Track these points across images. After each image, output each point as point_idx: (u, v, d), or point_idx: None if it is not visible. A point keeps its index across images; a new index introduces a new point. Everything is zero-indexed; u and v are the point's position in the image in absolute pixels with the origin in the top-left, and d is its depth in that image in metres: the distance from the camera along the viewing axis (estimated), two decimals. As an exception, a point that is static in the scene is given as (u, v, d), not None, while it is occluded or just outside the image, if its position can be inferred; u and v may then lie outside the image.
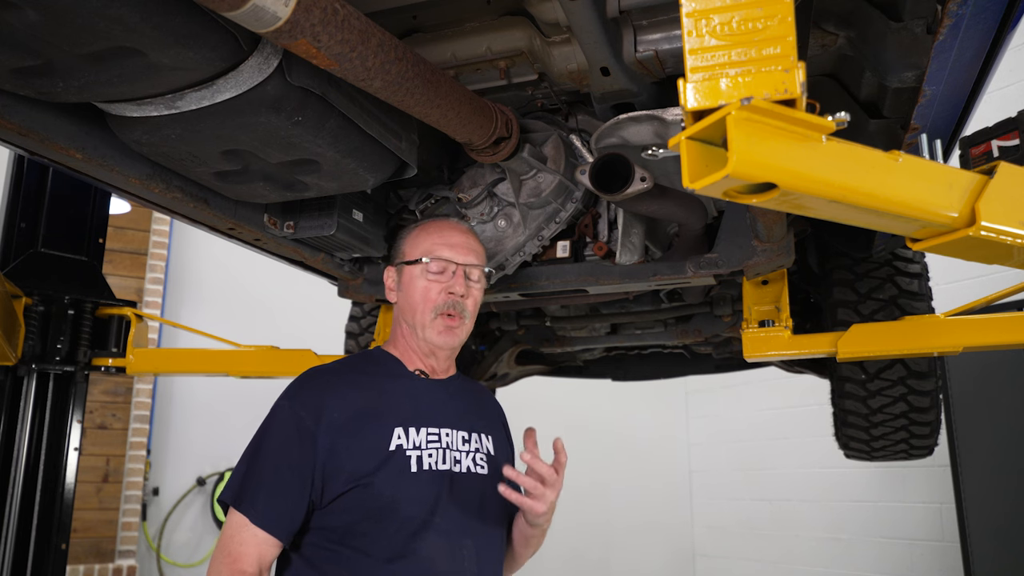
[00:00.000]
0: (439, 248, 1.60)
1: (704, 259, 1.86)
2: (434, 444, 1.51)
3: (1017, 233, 0.94)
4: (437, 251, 1.60)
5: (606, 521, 6.33)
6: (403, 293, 1.63)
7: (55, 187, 2.50)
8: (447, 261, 1.59)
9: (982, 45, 1.25)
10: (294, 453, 1.42)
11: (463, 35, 1.59)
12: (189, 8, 1.03)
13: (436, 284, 1.58)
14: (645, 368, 3.57)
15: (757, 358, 2.08)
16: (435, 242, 1.61)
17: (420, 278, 1.59)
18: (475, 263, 1.63)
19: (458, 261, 1.60)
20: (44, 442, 2.38)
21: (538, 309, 2.66)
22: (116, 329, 2.60)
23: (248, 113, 1.25)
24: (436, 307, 1.57)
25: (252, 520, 1.38)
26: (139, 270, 4.92)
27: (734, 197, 0.83)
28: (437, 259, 1.58)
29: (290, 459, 1.42)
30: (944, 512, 4.73)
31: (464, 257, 1.61)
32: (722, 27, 0.82)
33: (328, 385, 1.53)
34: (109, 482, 4.59)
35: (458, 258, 1.60)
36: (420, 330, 1.59)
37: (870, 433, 2.59)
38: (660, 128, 1.46)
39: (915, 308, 2.34)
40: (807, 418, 5.68)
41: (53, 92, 1.17)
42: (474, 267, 1.62)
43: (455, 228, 1.67)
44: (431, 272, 1.58)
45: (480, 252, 1.66)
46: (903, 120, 1.59)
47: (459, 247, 1.62)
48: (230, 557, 1.37)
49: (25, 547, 2.29)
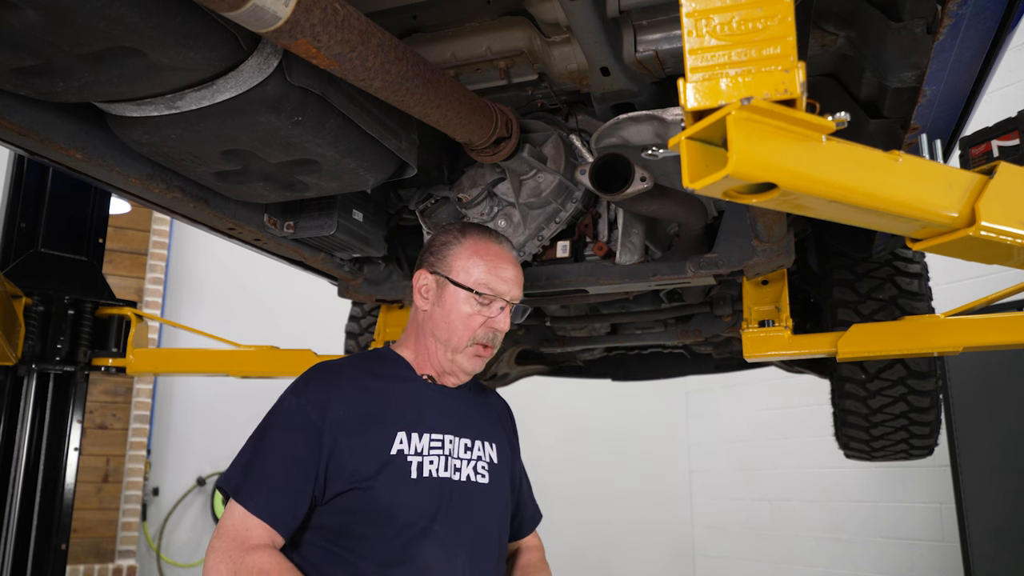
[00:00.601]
0: (494, 281, 1.56)
1: (704, 259, 1.86)
2: (436, 451, 1.51)
3: (1017, 233, 0.94)
4: (492, 284, 1.56)
5: (606, 521, 6.33)
6: (441, 309, 1.58)
7: (55, 187, 2.50)
8: (499, 298, 1.57)
9: (982, 45, 1.25)
10: (299, 447, 1.42)
11: (463, 35, 1.59)
12: (189, 8, 1.03)
13: (480, 316, 1.56)
14: (645, 368, 3.57)
15: (757, 358, 2.08)
16: (490, 273, 1.57)
17: (466, 304, 1.55)
18: (521, 299, 1.62)
19: (508, 299, 1.58)
20: (44, 442, 2.38)
21: (538, 309, 2.66)
22: (116, 329, 2.60)
23: (248, 113, 1.25)
24: (476, 337, 1.56)
25: (253, 512, 1.38)
26: (139, 270, 4.93)
27: (734, 197, 0.83)
28: (490, 294, 1.56)
29: (294, 453, 1.41)
30: (944, 512, 4.73)
31: (513, 294, 1.59)
32: (722, 27, 0.82)
33: (334, 382, 1.53)
34: (109, 482, 4.59)
35: (508, 296, 1.58)
36: (451, 352, 1.57)
37: (870, 433, 2.59)
38: (660, 128, 1.46)
39: (915, 308, 2.34)
40: (807, 418, 5.68)
41: (53, 92, 1.17)
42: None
43: (509, 260, 1.62)
44: (479, 303, 1.56)
45: (522, 283, 1.64)
46: (903, 120, 1.59)
47: (511, 281, 1.59)
48: (235, 541, 1.35)
49: (25, 547, 2.29)
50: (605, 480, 6.37)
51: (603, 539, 6.35)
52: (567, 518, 5.62)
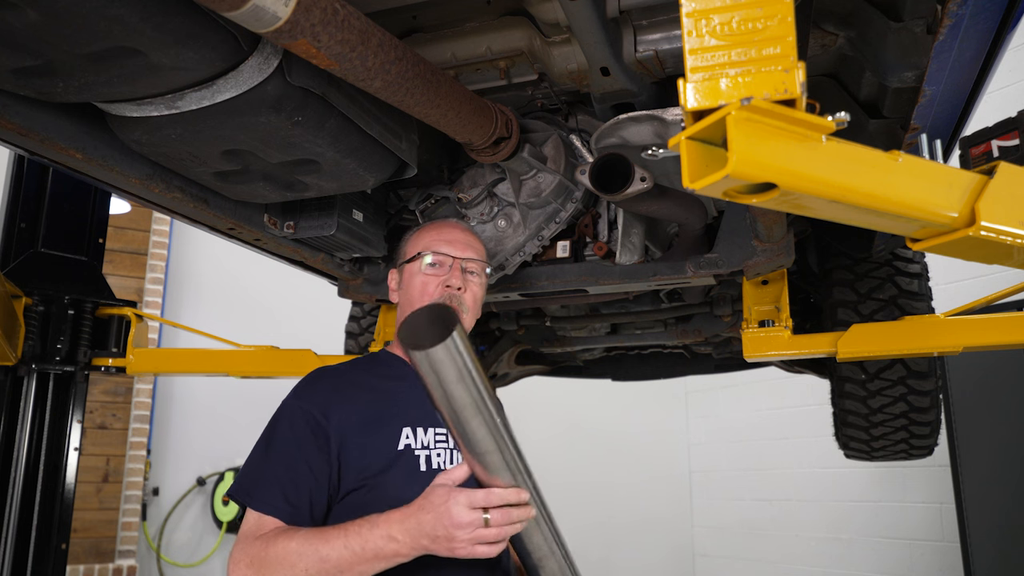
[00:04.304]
0: (436, 244, 1.62)
1: (704, 259, 1.86)
2: (442, 444, 1.51)
3: (1017, 233, 0.94)
4: (434, 246, 1.62)
5: (606, 521, 6.33)
6: (403, 291, 1.65)
7: (55, 187, 2.50)
8: (444, 255, 1.61)
9: (982, 45, 1.25)
10: (307, 447, 1.41)
11: (463, 35, 1.59)
12: (189, 8, 1.03)
13: (434, 278, 1.59)
14: (645, 368, 3.56)
15: (757, 358, 2.08)
16: (433, 238, 1.64)
17: (418, 274, 1.61)
18: (472, 257, 1.64)
19: (455, 255, 1.61)
20: (44, 442, 2.38)
21: (538, 309, 2.66)
22: (116, 329, 2.60)
23: (248, 113, 1.25)
24: (435, 300, 1.57)
25: (270, 514, 1.35)
26: (139, 270, 4.93)
27: (734, 197, 0.83)
28: (434, 253, 1.60)
29: (304, 452, 1.40)
30: (944, 512, 4.73)
31: (461, 252, 1.62)
32: (722, 27, 0.82)
33: (335, 386, 1.53)
34: (109, 482, 4.59)
35: (455, 252, 1.62)
36: None
37: (870, 433, 2.59)
38: (660, 128, 1.46)
39: (915, 308, 2.34)
40: (807, 418, 5.68)
41: (53, 92, 1.17)
42: (471, 261, 1.63)
43: (453, 225, 1.69)
44: (429, 267, 1.60)
45: (479, 249, 1.68)
46: (903, 120, 1.60)
47: (456, 242, 1.63)
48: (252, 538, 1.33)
49: (25, 547, 2.29)
50: (605, 480, 6.37)
51: (603, 538, 6.35)
52: (567, 518, 5.60)
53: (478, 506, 1.19)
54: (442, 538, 1.19)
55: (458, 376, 1.09)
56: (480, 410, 1.14)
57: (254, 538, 1.32)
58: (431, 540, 1.20)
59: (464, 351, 1.08)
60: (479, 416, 1.14)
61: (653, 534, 6.60)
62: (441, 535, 1.19)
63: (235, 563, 1.32)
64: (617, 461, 6.52)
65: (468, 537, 1.19)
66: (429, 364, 1.07)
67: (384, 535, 1.23)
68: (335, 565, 1.24)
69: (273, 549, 1.28)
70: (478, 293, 1.64)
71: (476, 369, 1.11)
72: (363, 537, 1.24)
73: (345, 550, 1.23)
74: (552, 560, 1.39)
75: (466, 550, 1.20)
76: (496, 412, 1.18)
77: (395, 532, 1.22)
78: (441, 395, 1.11)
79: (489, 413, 1.15)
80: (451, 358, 1.06)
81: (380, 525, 1.24)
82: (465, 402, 1.12)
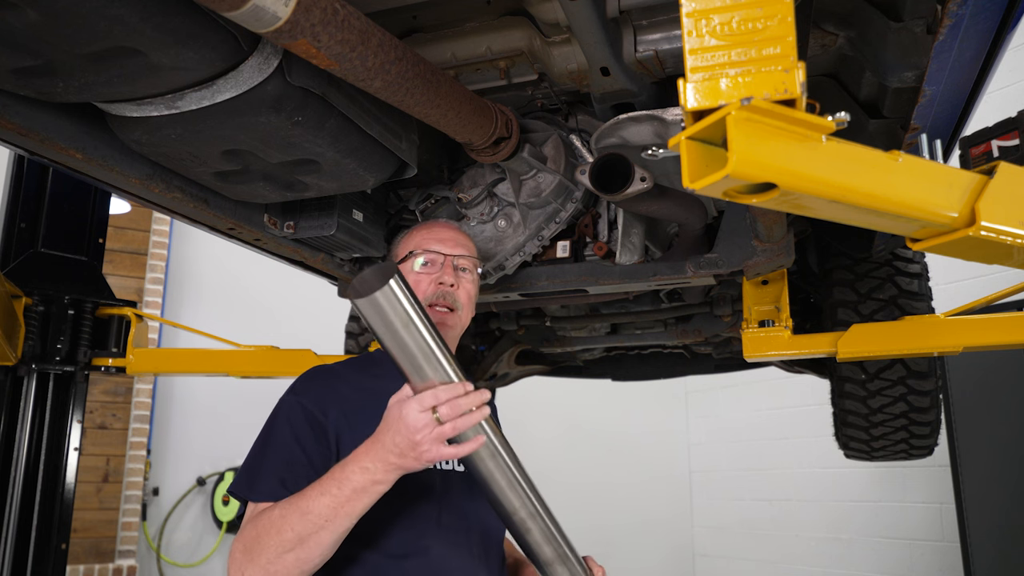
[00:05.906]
0: (427, 242, 1.62)
1: (704, 259, 1.86)
2: None
3: (1017, 233, 0.94)
4: (425, 245, 1.62)
5: (606, 521, 6.33)
6: None
7: (55, 187, 2.50)
8: (436, 253, 1.61)
9: (982, 45, 1.25)
10: (306, 439, 1.41)
11: (463, 35, 1.59)
12: (189, 8, 1.03)
13: (426, 276, 1.59)
14: (645, 368, 3.56)
15: (757, 358, 2.08)
16: (423, 237, 1.64)
17: (411, 273, 1.60)
18: (464, 254, 1.64)
19: (446, 252, 1.61)
20: (44, 442, 2.38)
21: (538, 309, 2.66)
22: (116, 329, 2.60)
23: (248, 113, 1.25)
24: (427, 298, 1.57)
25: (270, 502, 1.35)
26: (139, 270, 4.93)
27: (734, 197, 0.83)
28: (426, 252, 1.60)
29: (303, 444, 1.40)
30: (944, 512, 4.73)
31: (452, 249, 1.62)
32: (722, 27, 0.82)
33: (332, 382, 1.53)
34: (109, 482, 4.59)
35: (446, 250, 1.62)
36: None
37: (870, 433, 2.59)
38: (660, 128, 1.46)
39: (915, 308, 2.34)
40: (807, 418, 5.68)
41: (53, 92, 1.17)
42: (463, 258, 1.63)
43: (443, 225, 1.69)
44: (421, 266, 1.60)
45: (469, 246, 1.68)
46: (903, 120, 1.59)
47: (447, 240, 1.63)
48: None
49: (25, 547, 2.29)
50: (605, 480, 6.37)
51: (603, 538, 6.34)
52: (567, 518, 5.60)
53: (428, 406, 1.21)
54: (406, 448, 1.21)
55: (394, 312, 1.17)
56: (423, 349, 1.20)
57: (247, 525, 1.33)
58: (398, 456, 1.22)
59: (400, 293, 1.16)
60: (424, 347, 1.20)
61: (653, 534, 6.60)
62: (404, 445, 1.21)
63: (232, 553, 1.33)
64: (617, 461, 6.52)
65: (429, 438, 1.21)
66: (371, 308, 1.16)
67: (356, 468, 1.25)
68: (319, 515, 1.25)
69: (260, 525, 1.29)
70: (471, 290, 1.65)
71: (413, 306, 1.18)
72: (337, 479, 1.25)
73: (324, 496, 1.25)
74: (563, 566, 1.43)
75: (432, 453, 1.22)
76: (442, 347, 1.22)
77: (365, 462, 1.24)
78: (384, 332, 1.18)
79: (431, 349, 1.21)
80: (388, 301, 1.15)
81: (350, 463, 1.26)
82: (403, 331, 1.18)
